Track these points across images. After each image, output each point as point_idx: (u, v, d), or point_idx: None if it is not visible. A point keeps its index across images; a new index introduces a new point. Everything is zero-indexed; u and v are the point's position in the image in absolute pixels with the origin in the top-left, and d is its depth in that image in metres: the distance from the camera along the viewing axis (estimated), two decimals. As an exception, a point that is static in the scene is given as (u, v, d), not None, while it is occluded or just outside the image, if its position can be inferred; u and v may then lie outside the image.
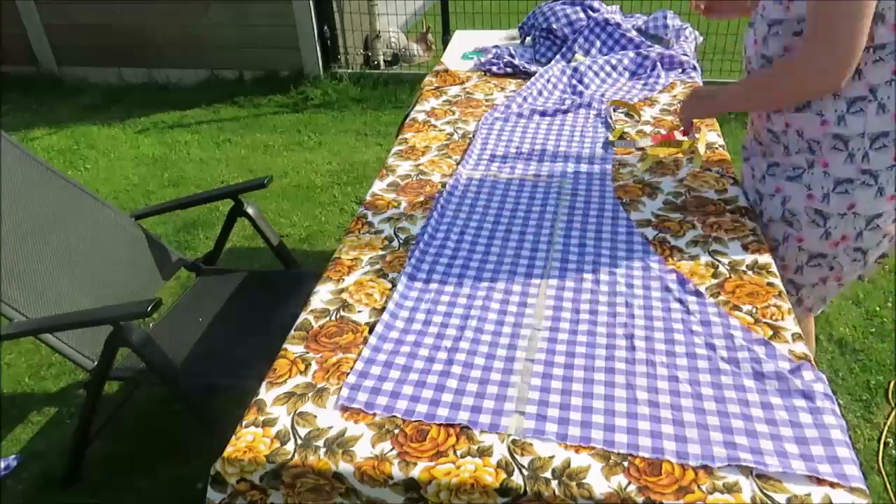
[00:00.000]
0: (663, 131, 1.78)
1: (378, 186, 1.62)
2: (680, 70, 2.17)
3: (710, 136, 1.76)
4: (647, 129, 1.82)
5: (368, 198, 1.57)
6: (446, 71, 2.28)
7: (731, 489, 0.84)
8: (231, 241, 2.22)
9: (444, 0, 4.51)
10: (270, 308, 1.92)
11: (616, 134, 1.77)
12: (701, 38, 2.39)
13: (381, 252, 1.37)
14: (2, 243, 1.70)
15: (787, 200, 1.36)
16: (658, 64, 2.14)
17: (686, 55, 2.20)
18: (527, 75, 2.24)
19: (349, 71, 4.60)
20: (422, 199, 1.55)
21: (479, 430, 0.94)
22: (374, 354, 1.08)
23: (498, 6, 4.58)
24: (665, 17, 2.36)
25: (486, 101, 2.04)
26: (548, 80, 2.10)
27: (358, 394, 1.00)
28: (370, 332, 1.13)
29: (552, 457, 0.89)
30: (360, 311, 1.19)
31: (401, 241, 1.40)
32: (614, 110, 1.93)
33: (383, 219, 1.49)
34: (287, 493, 0.93)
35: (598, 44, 2.25)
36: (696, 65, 2.23)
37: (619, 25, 2.26)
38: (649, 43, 2.26)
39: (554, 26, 2.27)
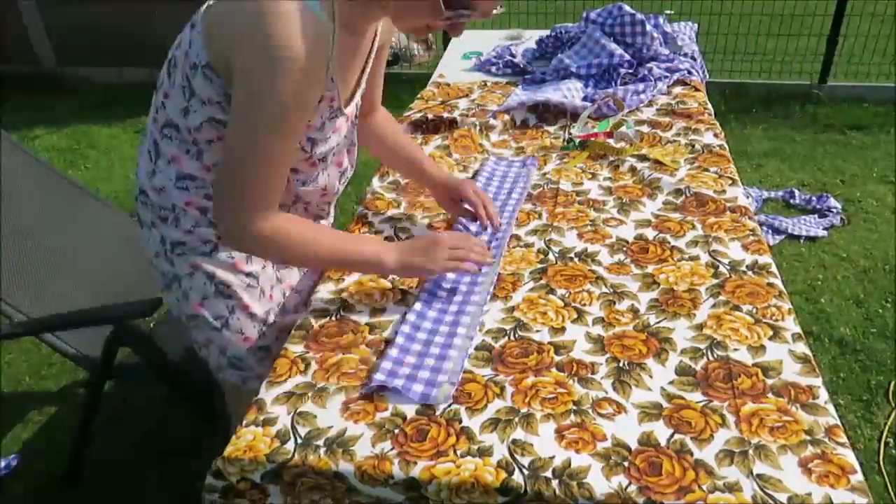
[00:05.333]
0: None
1: (377, 185, 1.62)
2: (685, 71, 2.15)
3: (707, 137, 1.76)
4: (645, 128, 1.82)
5: (369, 196, 1.57)
6: (447, 84, 2.25)
7: (731, 488, 0.84)
8: (231, 240, 2.22)
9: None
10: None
11: (615, 126, 1.78)
12: (694, 26, 2.39)
13: (381, 252, 1.36)
14: (2, 243, 1.70)
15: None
16: (655, 68, 2.13)
17: (685, 58, 2.19)
18: (524, 73, 2.24)
19: (349, 71, 4.59)
20: (421, 198, 1.55)
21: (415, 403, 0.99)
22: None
23: (498, 6, 4.57)
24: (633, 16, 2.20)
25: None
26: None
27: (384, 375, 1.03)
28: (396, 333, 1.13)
29: (552, 457, 0.90)
30: (360, 311, 1.19)
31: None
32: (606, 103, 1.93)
33: (383, 219, 1.49)
34: (287, 491, 0.93)
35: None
36: (697, 56, 2.23)
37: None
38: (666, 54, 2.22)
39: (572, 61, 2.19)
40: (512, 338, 1.12)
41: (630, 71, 2.13)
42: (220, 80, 1.05)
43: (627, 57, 2.11)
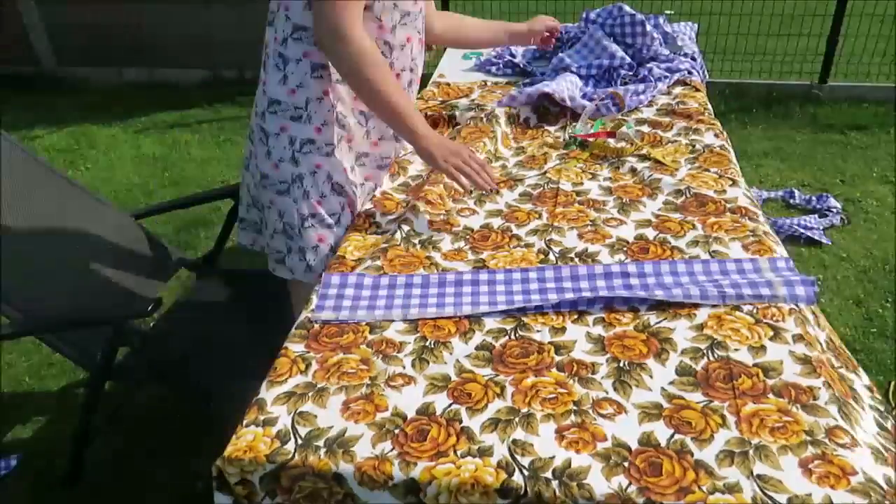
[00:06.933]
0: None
1: (388, 185, 1.61)
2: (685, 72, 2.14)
3: (707, 137, 1.76)
4: (645, 128, 1.82)
5: (377, 195, 1.57)
6: (448, 84, 2.25)
7: (731, 489, 0.84)
8: (232, 240, 2.22)
9: (444, 0, 4.51)
10: (271, 307, 1.92)
11: (615, 126, 1.79)
12: (694, 26, 2.39)
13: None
14: (2, 243, 1.70)
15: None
16: (655, 68, 2.12)
17: (685, 58, 2.18)
18: (525, 74, 2.24)
19: (349, 70, 4.59)
20: (423, 193, 1.55)
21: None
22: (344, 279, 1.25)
23: (498, 6, 4.59)
24: (634, 16, 2.18)
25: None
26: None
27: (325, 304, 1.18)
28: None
29: (552, 457, 0.89)
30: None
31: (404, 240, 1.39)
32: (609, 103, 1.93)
33: (391, 220, 1.48)
34: (285, 499, 0.92)
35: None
36: (697, 57, 2.23)
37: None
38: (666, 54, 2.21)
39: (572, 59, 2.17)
40: (512, 338, 1.12)
41: (630, 72, 2.12)
42: None
43: (628, 59, 2.11)
